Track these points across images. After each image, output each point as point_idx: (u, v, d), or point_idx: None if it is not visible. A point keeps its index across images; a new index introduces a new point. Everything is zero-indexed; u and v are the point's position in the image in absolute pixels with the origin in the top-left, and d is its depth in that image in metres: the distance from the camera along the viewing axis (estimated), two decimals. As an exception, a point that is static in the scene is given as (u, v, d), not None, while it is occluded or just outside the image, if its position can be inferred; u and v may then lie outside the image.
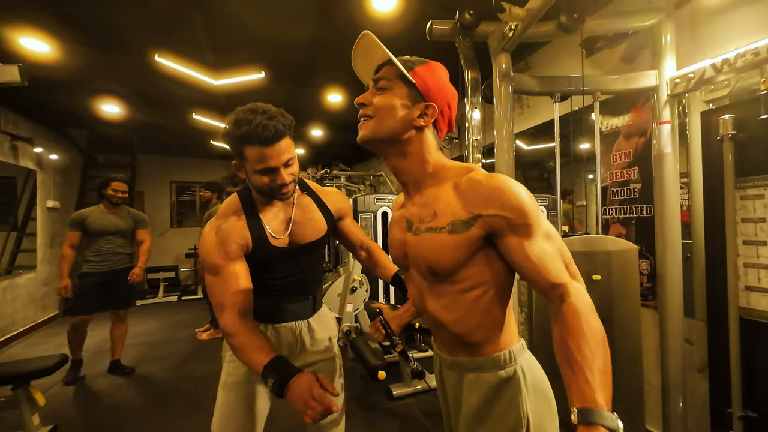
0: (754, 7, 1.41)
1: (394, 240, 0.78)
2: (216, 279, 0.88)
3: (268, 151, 0.85)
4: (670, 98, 1.54)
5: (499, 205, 0.60)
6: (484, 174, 0.64)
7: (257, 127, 0.83)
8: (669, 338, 1.55)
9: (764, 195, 1.28)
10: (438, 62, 0.74)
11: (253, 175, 0.89)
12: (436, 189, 0.69)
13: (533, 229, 0.60)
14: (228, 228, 0.91)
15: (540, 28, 1.58)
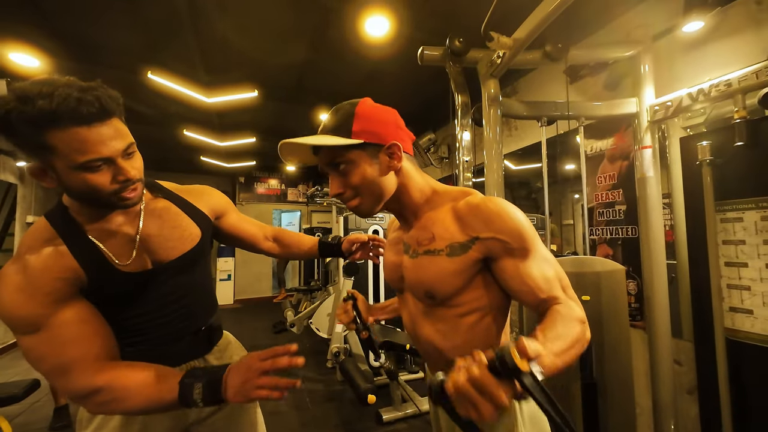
0: (726, 41, 1.50)
1: (389, 262, 0.78)
2: (39, 338, 0.60)
3: (92, 134, 0.58)
4: (650, 124, 1.60)
5: (497, 228, 0.60)
6: (482, 197, 0.65)
7: (67, 100, 0.55)
8: (659, 359, 1.56)
9: (743, 218, 1.33)
10: (362, 99, 0.69)
11: (72, 174, 0.60)
12: (433, 213, 0.69)
13: (529, 253, 0.61)
14: (40, 262, 0.62)
15: (527, 56, 1.65)
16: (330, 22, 2.12)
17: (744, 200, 1.33)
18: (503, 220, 0.61)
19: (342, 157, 0.64)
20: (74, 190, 0.63)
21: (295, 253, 1.07)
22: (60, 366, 0.60)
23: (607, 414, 1.49)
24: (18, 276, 0.60)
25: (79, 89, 0.57)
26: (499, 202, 0.63)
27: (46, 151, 0.57)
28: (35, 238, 0.64)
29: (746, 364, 1.31)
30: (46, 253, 0.62)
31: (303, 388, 2.81)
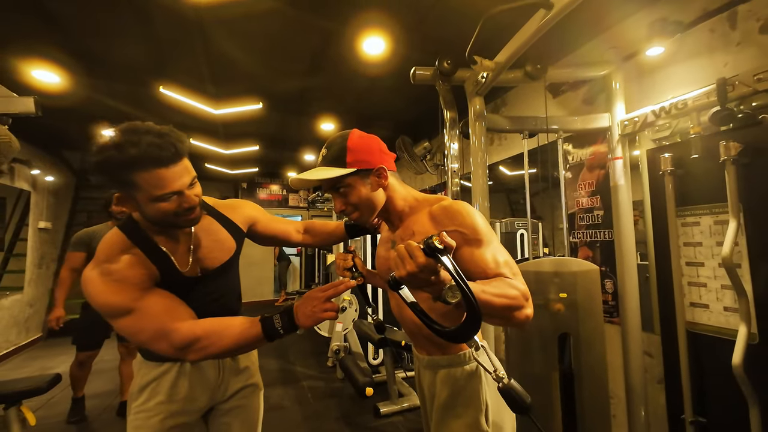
0: (685, 64, 1.67)
1: (380, 257, 0.94)
2: (135, 316, 0.73)
3: (168, 173, 0.73)
4: (621, 137, 1.76)
5: (458, 223, 0.76)
6: (451, 201, 0.82)
7: (150, 147, 0.70)
8: (631, 352, 1.70)
9: (700, 222, 1.49)
10: (352, 130, 0.84)
11: (150, 204, 0.75)
12: (414, 217, 0.85)
13: (482, 243, 0.75)
14: (123, 264, 0.76)
15: (509, 75, 1.82)
16: (330, 42, 2.30)
17: (700, 206, 1.48)
18: (463, 217, 0.76)
19: (341, 183, 0.80)
20: (149, 215, 0.78)
21: (326, 239, 1.21)
22: (158, 331, 0.74)
23: (583, 401, 1.63)
24: (105, 276, 0.74)
25: (158, 135, 0.72)
26: (463, 204, 0.79)
27: (131, 186, 0.73)
28: (113, 247, 0.78)
29: (704, 352, 1.46)
30: (127, 258, 0.77)
31: (305, 385, 2.95)
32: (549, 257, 1.76)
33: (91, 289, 0.73)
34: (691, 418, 1.45)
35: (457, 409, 0.79)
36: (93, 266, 0.76)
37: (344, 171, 0.78)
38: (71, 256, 2.26)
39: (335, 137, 0.83)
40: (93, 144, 0.72)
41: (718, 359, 1.41)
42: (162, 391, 0.86)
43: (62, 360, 3.70)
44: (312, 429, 2.29)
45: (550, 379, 1.65)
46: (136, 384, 0.89)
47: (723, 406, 1.39)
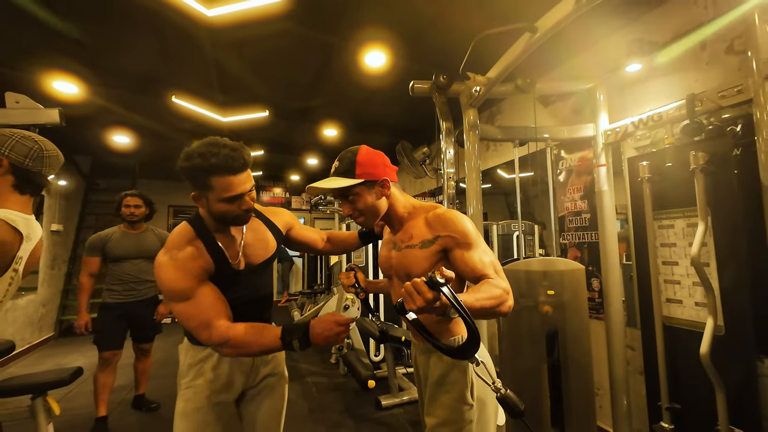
0: (662, 79, 1.81)
1: (382, 257, 1.08)
2: (189, 304, 0.89)
3: (236, 180, 0.90)
4: (605, 146, 1.90)
5: (450, 229, 0.90)
6: (444, 210, 0.96)
7: (226, 158, 0.87)
8: (614, 346, 1.84)
9: (674, 225, 1.62)
10: (361, 146, 0.98)
11: (218, 203, 0.92)
12: (413, 222, 0.99)
13: (471, 246, 0.89)
14: (187, 255, 0.91)
15: (501, 88, 1.95)
16: (334, 56, 2.44)
17: (674, 210, 1.62)
18: (454, 224, 0.90)
19: (350, 192, 0.94)
20: (214, 212, 0.95)
21: (344, 246, 1.37)
22: (204, 322, 0.88)
23: (570, 392, 1.76)
24: (174, 262, 0.90)
25: (233, 149, 0.89)
26: (454, 213, 0.93)
27: (207, 187, 0.90)
28: (181, 236, 0.95)
29: (678, 344, 1.59)
30: (191, 249, 0.94)
31: (309, 380, 3.09)
32: (538, 257, 1.89)
33: (162, 272, 0.90)
34: (667, 405, 1.58)
35: (446, 386, 0.93)
36: (164, 252, 0.92)
37: (353, 182, 0.92)
38: (88, 261, 2.33)
39: (346, 152, 0.96)
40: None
41: (690, 350, 1.54)
42: (207, 371, 1.00)
43: (75, 357, 3.85)
44: (317, 420, 2.42)
45: (540, 371, 1.79)
46: (185, 364, 1.03)
47: (695, 393, 1.52)
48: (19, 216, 1.10)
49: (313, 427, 2.34)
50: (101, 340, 2.33)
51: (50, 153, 1.22)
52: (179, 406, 0.99)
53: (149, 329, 2.51)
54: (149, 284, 2.44)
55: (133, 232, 2.45)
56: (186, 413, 0.97)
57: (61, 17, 2.03)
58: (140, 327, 2.46)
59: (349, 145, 1.00)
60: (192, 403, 0.98)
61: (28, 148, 1.15)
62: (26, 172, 1.14)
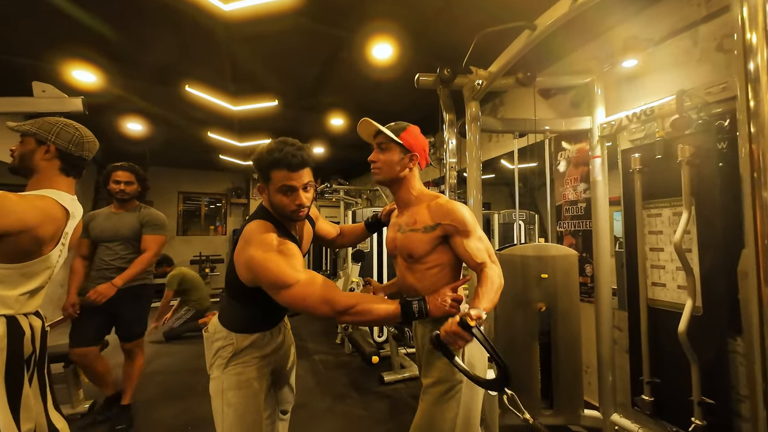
0: (656, 74, 1.89)
1: (389, 238, 1.21)
2: (302, 286, 0.91)
3: (293, 175, 1.00)
4: (600, 138, 1.99)
5: (451, 218, 1.04)
6: (445, 200, 1.09)
7: (287, 155, 0.98)
8: (602, 326, 1.96)
9: (661, 214, 1.73)
10: (414, 125, 1.16)
11: (275, 194, 1.02)
12: (417, 208, 1.12)
13: (469, 234, 1.03)
14: (278, 240, 0.99)
15: (502, 81, 2.04)
16: (342, 48, 2.53)
17: (662, 200, 1.72)
18: (455, 213, 1.04)
19: (387, 143, 1.11)
20: (274, 203, 1.06)
21: (353, 238, 1.49)
22: (323, 297, 0.91)
23: (559, 367, 1.90)
24: (270, 251, 0.94)
25: (297, 148, 1.01)
26: (454, 204, 1.06)
27: (268, 179, 1.03)
28: (261, 229, 1.00)
29: (660, 324, 1.71)
30: (276, 236, 1.00)
31: (316, 359, 3.27)
32: (532, 244, 2.00)
33: (264, 266, 0.93)
34: (648, 379, 1.72)
35: (440, 351, 1.07)
36: (255, 248, 0.95)
37: (395, 138, 1.09)
38: (79, 242, 2.08)
39: (402, 123, 1.14)
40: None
41: (671, 329, 1.66)
42: (257, 348, 1.14)
43: (95, 335, 4.06)
44: (323, 393, 2.60)
45: (532, 348, 1.93)
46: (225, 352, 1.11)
47: (673, 368, 1.65)
48: (66, 196, 1.23)
49: (321, 398, 2.52)
50: (70, 335, 2.06)
51: (89, 139, 1.35)
52: (230, 380, 1.08)
53: (131, 326, 2.16)
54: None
55: (118, 212, 2.13)
56: (240, 384, 1.07)
57: (86, 10, 2.13)
58: (120, 321, 2.13)
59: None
60: (245, 375, 1.09)
61: (71, 134, 1.28)
62: (70, 157, 1.27)
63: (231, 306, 1.16)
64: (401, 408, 2.40)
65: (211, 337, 1.16)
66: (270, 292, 0.94)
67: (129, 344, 2.18)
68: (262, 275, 0.93)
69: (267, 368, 1.19)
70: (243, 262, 0.97)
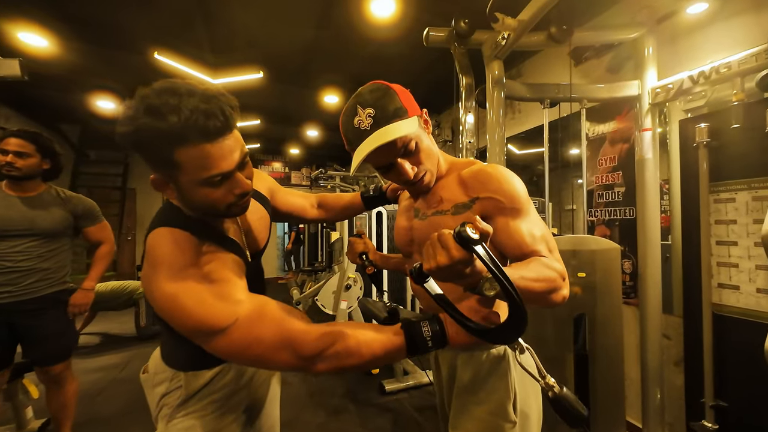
0: (727, 24, 1.52)
1: (400, 228, 0.85)
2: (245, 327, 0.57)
3: (216, 149, 0.56)
4: (651, 107, 1.63)
5: (493, 189, 0.67)
6: (483, 165, 0.73)
7: (195, 114, 0.53)
8: (648, 333, 1.64)
9: (735, 198, 1.38)
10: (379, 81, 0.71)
11: (194, 189, 0.59)
12: (442, 181, 0.76)
13: (520, 213, 0.66)
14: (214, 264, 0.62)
15: (531, 38, 1.66)
16: (335, 2, 2.12)
17: (737, 181, 1.37)
18: (499, 183, 0.68)
19: (408, 143, 0.68)
20: (193, 203, 0.62)
21: (340, 212, 1.10)
22: (280, 339, 0.57)
23: (597, 383, 1.58)
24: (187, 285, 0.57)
25: (204, 99, 0.55)
26: (497, 167, 0.70)
27: (173, 167, 0.56)
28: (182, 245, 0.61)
29: (729, 335, 1.39)
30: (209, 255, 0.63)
31: (309, 361, 2.94)
32: (567, 235, 1.66)
33: (177, 305, 0.57)
34: (712, 402, 1.40)
35: (480, 395, 0.72)
36: (162, 277, 0.57)
37: (414, 121, 0.68)
38: None
39: (373, 93, 0.68)
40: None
41: (745, 342, 1.34)
42: (218, 388, 0.78)
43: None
44: (317, 404, 2.28)
45: (565, 360, 1.60)
46: (172, 399, 0.76)
47: (746, 390, 1.34)
48: None
49: (314, 412, 2.20)
50: None
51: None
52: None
53: (57, 341, 1.62)
54: (40, 274, 1.53)
55: (16, 195, 1.53)
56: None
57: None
58: (31, 341, 1.57)
59: None
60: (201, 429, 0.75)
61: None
62: None
63: (173, 336, 0.71)
64: (404, 424, 2.09)
65: (151, 380, 0.80)
66: (196, 341, 0.59)
67: (57, 366, 1.62)
68: (177, 319, 0.57)
69: (236, 411, 0.83)
70: (150, 297, 0.60)
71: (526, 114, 2.67)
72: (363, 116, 0.66)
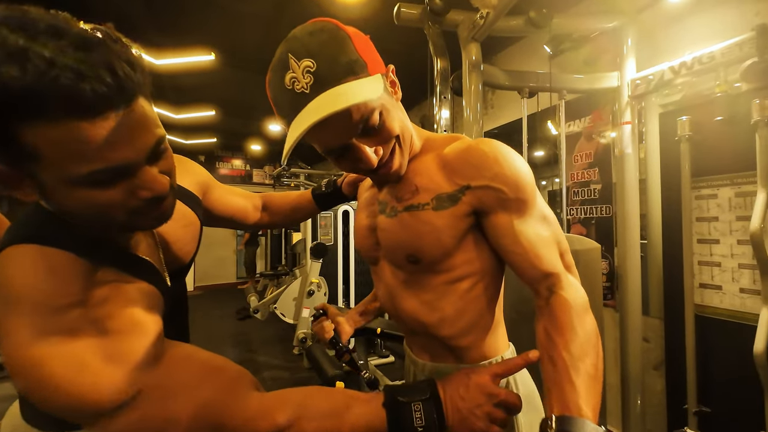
0: (708, 14, 1.48)
1: (361, 227, 0.65)
2: (146, 406, 0.38)
3: (97, 131, 0.35)
4: (631, 99, 1.56)
5: (491, 174, 0.50)
6: (472, 141, 0.54)
7: (55, 70, 0.32)
8: (629, 337, 1.56)
9: (717, 195, 1.33)
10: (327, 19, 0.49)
11: (68, 191, 0.38)
12: (415, 163, 0.57)
13: (528, 207, 0.51)
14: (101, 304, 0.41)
15: (510, 22, 1.54)
16: (296, -25, 1.90)
17: (719, 177, 1.32)
18: (499, 165, 0.50)
19: (374, 108, 0.47)
20: (70, 212, 0.40)
21: (289, 215, 0.88)
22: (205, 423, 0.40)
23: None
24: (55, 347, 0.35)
25: (78, 44, 0.33)
26: (493, 144, 0.52)
27: (21, 153, 0.34)
28: (35, 280, 0.38)
29: (712, 338, 1.33)
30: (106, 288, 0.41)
31: (266, 376, 2.66)
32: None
33: (41, 377, 0.35)
34: (695, 408, 1.33)
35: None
36: (30, 328, 0.36)
37: (379, 80, 0.48)
38: None
39: (315, 37, 0.45)
40: None
41: (728, 345, 1.29)
42: None
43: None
44: None
45: (545, 369, 1.49)
46: None
47: (730, 395, 1.28)
48: None
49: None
50: None
51: None
52: None
53: None
54: None
55: None
56: None
57: None
58: None
59: None
60: None
61: None
62: None
63: None
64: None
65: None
66: (75, 421, 0.39)
67: None
68: (41, 393, 0.36)
69: None
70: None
71: (500, 108, 2.58)
72: (299, 72, 0.44)
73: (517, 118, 1.82)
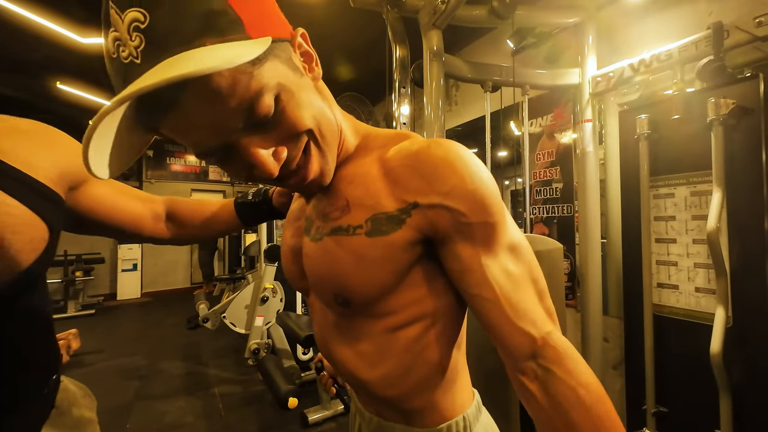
0: (666, 13, 1.48)
1: (286, 250, 0.50)
2: None
3: None
4: (591, 97, 1.54)
5: (446, 188, 0.36)
6: (425, 142, 0.39)
7: None
8: (590, 336, 1.55)
9: (674, 194, 1.32)
10: None
11: None
12: (351, 167, 0.43)
13: (496, 234, 0.37)
14: None
15: (473, 11, 1.47)
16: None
17: (676, 176, 1.31)
18: (457, 175, 0.36)
19: (263, 88, 0.31)
20: None
21: (201, 230, 0.68)
22: None
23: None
24: None
25: None
26: (451, 148, 0.38)
27: None
28: None
29: (669, 337, 1.32)
30: None
31: (216, 392, 2.43)
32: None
33: None
34: (654, 409, 1.32)
35: None
36: None
37: (265, 46, 0.30)
38: None
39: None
40: None
41: (685, 345, 1.28)
42: None
43: None
44: (221, 450, 1.83)
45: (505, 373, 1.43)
46: None
47: (686, 395, 1.28)
48: None
49: (215, 462, 1.74)
50: None
51: None
52: None
53: None
54: None
55: None
56: None
57: None
58: None
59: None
60: None
61: None
62: None
63: None
64: (332, 461, 1.75)
65: None
66: None
67: None
68: None
69: None
70: None
71: (463, 105, 2.53)
72: (123, 30, 0.28)
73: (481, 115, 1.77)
